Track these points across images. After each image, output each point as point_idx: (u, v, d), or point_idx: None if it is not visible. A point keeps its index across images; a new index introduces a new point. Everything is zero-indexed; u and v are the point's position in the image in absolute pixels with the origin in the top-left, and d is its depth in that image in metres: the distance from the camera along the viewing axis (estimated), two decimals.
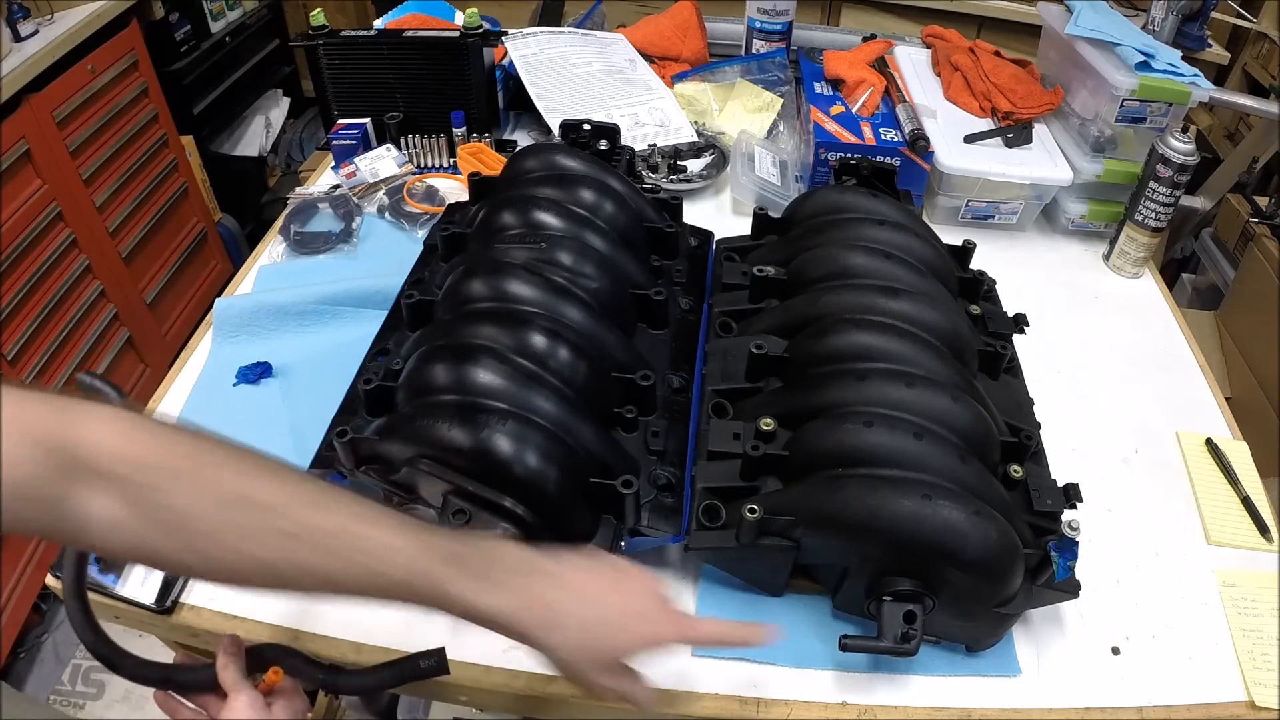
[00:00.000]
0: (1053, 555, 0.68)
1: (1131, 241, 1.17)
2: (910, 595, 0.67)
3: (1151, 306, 1.16)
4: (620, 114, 1.35)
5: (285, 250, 1.14)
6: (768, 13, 1.47)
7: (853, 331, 0.78)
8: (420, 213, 1.20)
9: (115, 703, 1.58)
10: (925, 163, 1.20)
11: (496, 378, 0.71)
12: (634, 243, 0.93)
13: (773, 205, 1.09)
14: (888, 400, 0.72)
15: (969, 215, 1.25)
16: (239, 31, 2.19)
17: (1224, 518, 0.87)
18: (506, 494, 0.68)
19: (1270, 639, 0.76)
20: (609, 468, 0.71)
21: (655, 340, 0.88)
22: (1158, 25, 1.48)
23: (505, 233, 0.87)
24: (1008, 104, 1.28)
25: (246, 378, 0.94)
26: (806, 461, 0.72)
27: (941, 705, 0.70)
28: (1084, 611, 0.77)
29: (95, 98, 1.72)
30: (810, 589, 0.77)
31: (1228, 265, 1.86)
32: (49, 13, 1.63)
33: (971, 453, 0.71)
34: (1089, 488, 0.85)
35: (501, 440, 0.67)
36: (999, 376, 0.86)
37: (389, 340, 0.86)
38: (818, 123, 1.25)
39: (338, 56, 1.29)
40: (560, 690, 0.70)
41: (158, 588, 0.73)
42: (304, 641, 0.72)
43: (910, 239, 0.88)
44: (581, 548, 0.60)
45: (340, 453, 0.72)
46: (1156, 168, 1.10)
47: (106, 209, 1.77)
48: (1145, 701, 0.72)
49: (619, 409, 0.78)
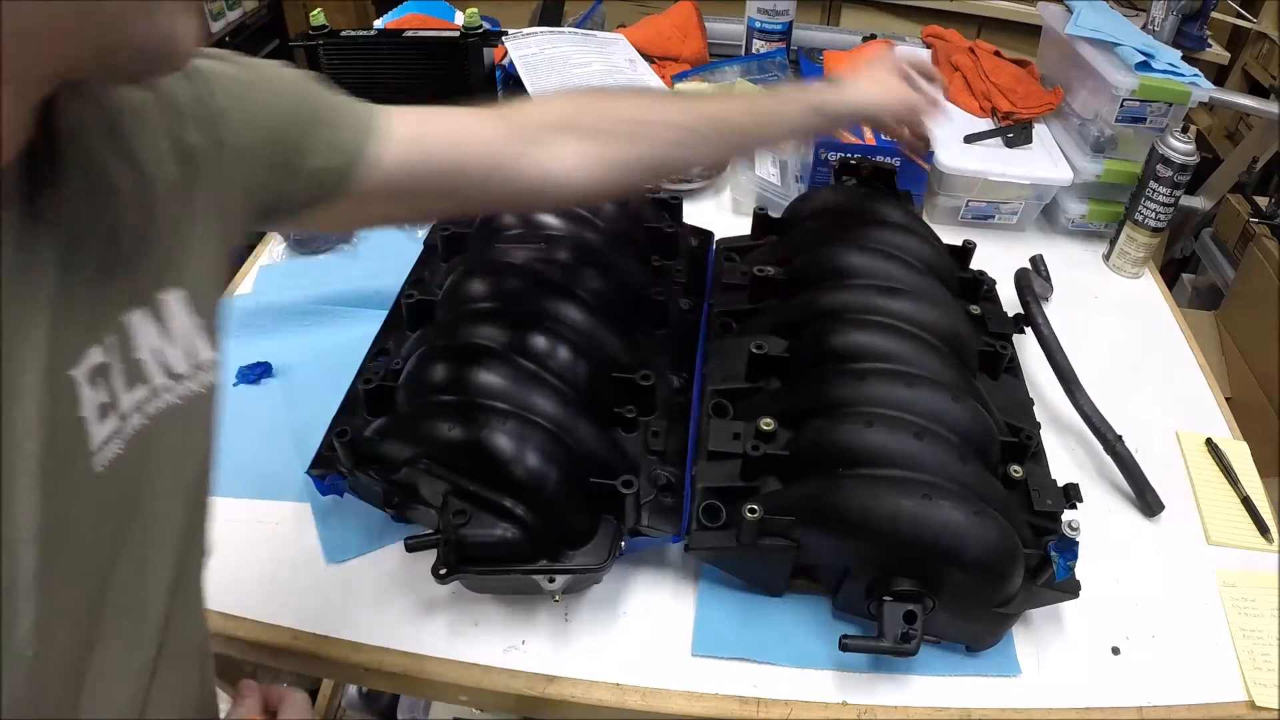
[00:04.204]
0: (1053, 555, 0.68)
1: (1131, 241, 1.17)
2: (910, 595, 0.67)
3: (1151, 306, 1.16)
4: None
5: (285, 250, 1.14)
6: (768, 13, 1.47)
7: (853, 331, 0.78)
8: None
9: None
10: (925, 163, 1.20)
11: (496, 378, 0.71)
12: (634, 243, 0.93)
13: (773, 205, 1.09)
14: (888, 400, 0.72)
15: (969, 215, 1.25)
16: (239, 31, 2.20)
17: (1224, 518, 0.87)
18: (506, 494, 0.68)
19: (1270, 639, 0.76)
20: (609, 468, 0.71)
21: (655, 340, 0.88)
22: (1158, 25, 1.49)
23: (505, 233, 0.87)
24: (1008, 104, 1.28)
25: (246, 378, 0.94)
26: (807, 461, 0.72)
27: (941, 705, 0.70)
28: (1084, 611, 0.77)
29: None
30: (810, 589, 0.77)
31: (1228, 265, 1.86)
32: None
33: (972, 453, 0.71)
34: (1089, 488, 0.85)
35: (501, 440, 0.67)
36: (999, 376, 0.86)
37: (389, 340, 0.86)
38: None
39: (338, 56, 1.29)
40: (560, 691, 0.70)
41: None
42: (304, 642, 0.72)
43: (910, 239, 0.88)
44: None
45: (340, 453, 0.72)
46: (1156, 168, 1.10)
47: None
48: (1145, 701, 0.72)
49: (619, 409, 0.78)
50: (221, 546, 0.78)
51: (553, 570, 0.68)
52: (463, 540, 0.67)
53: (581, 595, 0.76)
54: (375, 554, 0.78)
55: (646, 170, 0.69)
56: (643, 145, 0.67)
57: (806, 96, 0.80)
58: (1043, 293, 1.10)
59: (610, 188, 0.68)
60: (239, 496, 0.82)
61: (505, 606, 0.75)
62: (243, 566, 0.77)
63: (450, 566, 0.66)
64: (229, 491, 0.83)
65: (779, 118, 0.77)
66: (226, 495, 0.83)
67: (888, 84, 0.84)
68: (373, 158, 0.55)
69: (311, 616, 0.74)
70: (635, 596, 0.77)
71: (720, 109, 0.75)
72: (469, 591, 0.75)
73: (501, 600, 0.75)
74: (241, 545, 0.79)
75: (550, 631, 0.74)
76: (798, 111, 0.78)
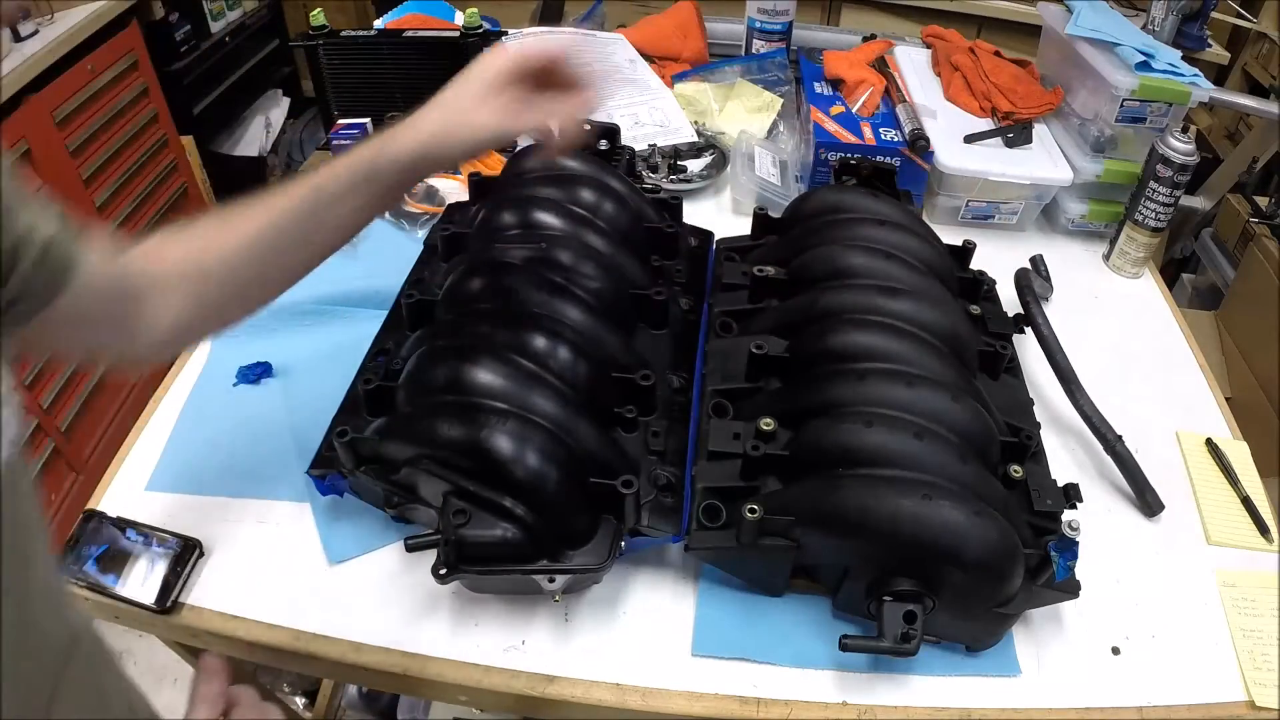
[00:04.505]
0: (1053, 555, 0.68)
1: (1131, 241, 1.17)
2: (910, 595, 0.67)
3: (1151, 306, 1.16)
4: (620, 114, 1.35)
5: None
6: (768, 13, 1.47)
7: (853, 331, 0.78)
8: (420, 213, 1.20)
9: None
10: (925, 163, 1.20)
11: (497, 378, 0.71)
12: (634, 243, 0.93)
13: (773, 205, 1.09)
14: (888, 400, 0.72)
15: (969, 215, 1.25)
16: (239, 31, 2.19)
17: (1224, 518, 0.87)
18: (506, 494, 0.68)
19: (1270, 639, 0.76)
20: (609, 468, 0.71)
21: (655, 340, 0.88)
22: (1158, 25, 1.49)
23: (505, 233, 0.87)
24: (1008, 104, 1.28)
25: (246, 378, 0.94)
26: (807, 461, 0.72)
27: (941, 705, 0.70)
28: (1084, 611, 0.77)
29: (95, 98, 1.71)
30: (810, 589, 0.77)
31: (1228, 265, 1.86)
32: (49, 13, 1.63)
33: (972, 452, 0.71)
34: (1089, 487, 0.85)
35: (502, 440, 0.67)
36: (999, 376, 0.86)
37: (389, 340, 0.86)
38: (818, 123, 1.25)
39: (338, 56, 1.29)
40: (560, 690, 0.70)
41: (158, 588, 0.73)
42: (304, 642, 0.72)
43: (910, 239, 0.88)
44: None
45: (340, 453, 0.72)
46: (1156, 168, 1.10)
47: (107, 209, 1.77)
48: (1145, 701, 0.72)
49: (619, 409, 0.78)
50: (222, 546, 0.79)
51: (553, 570, 0.68)
52: (463, 540, 0.67)
53: (581, 595, 0.76)
54: (375, 554, 0.78)
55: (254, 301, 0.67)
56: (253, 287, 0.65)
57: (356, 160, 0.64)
58: (1043, 293, 1.10)
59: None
60: (239, 496, 0.82)
61: (505, 606, 0.75)
62: (243, 566, 0.77)
63: (450, 566, 0.66)
64: (229, 491, 0.83)
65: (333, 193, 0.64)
66: (227, 495, 0.83)
67: (468, 110, 0.62)
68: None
69: (311, 616, 0.74)
70: (635, 596, 0.77)
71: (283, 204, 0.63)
72: (469, 591, 0.75)
73: (501, 600, 0.75)
74: (241, 545, 0.79)
75: (550, 631, 0.74)
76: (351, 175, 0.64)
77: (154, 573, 0.74)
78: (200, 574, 0.76)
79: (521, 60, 0.61)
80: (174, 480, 0.84)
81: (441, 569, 0.66)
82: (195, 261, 0.61)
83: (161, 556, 0.75)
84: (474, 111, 0.61)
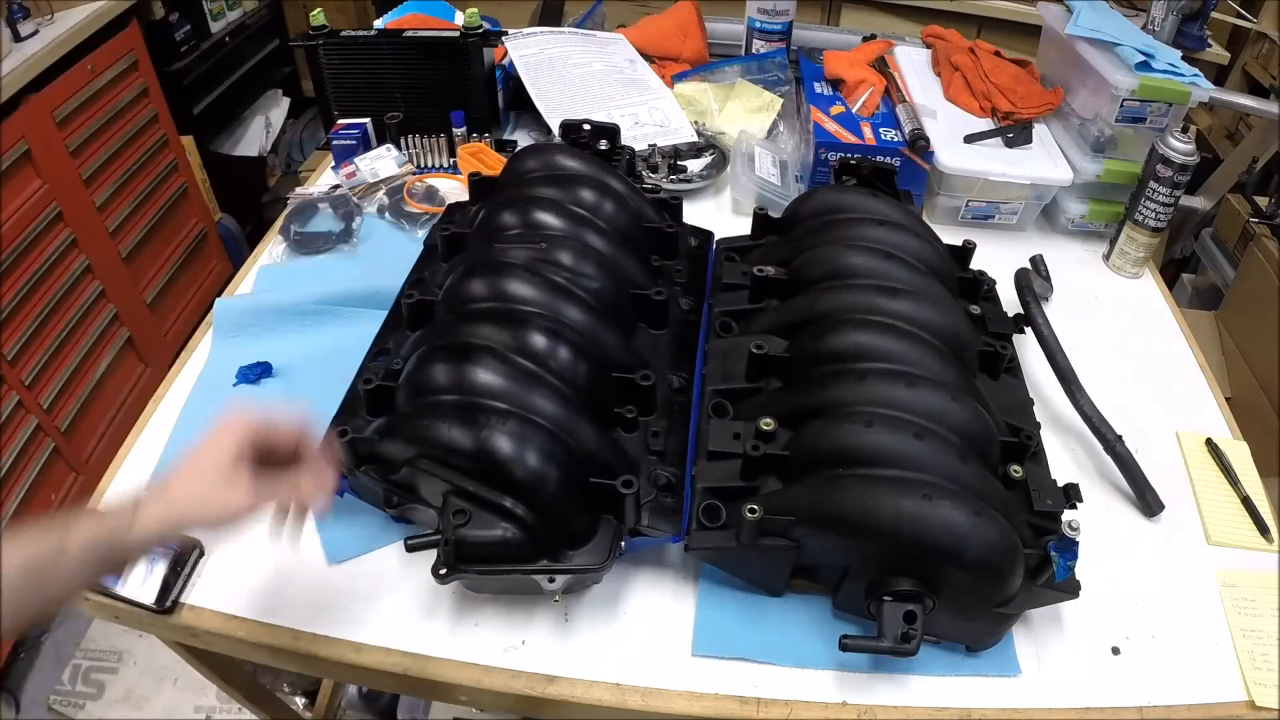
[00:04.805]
0: (1053, 555, 0.68)
1: (1131, 241, 1.17)
2: (910, 595, 0.67)
3: (1151, 306, 1.16)
4: (620, 114, 1.35)
5: (285, 250, 1.14)
6: (768, 13, 1.47)
7: (853, 331, 0.78)
8: (420, 213, 1.20)
9: (116, 703, 1.57)
10: (925, 163, 1.20)
11: (497, 378, 0.71)
12: (634, 243, 0.93)
13: (773, 205, 1.09)
14: (888, 400, 0.72)
15: (969, 215, 1.25)
16: (239, 31, 2.19)
17: (1224, 518, 0.87)
18: (507, 494, 0.68)
19: (1270, 639, 0.76)
20: (609, 468, 0.71)
21: (655, 340, 0.88)
22: (1158, 25, 1.49)
23: (505, 233, 0.87)
24: (1008, 104, 1.28)
25: (246, 378, 0.94)
26: (807, 461, 0.72)
27: (941, 705, 0.70)
28: (1084, 611, 0.77)
29: (95, 98, 1.71)
30: (810, 589, 0.77)
31: (1228, 265, 1.86)
32: (49, 13, 1.63)
33: (972, 453, 0.71)
34: (1089, 487, 0.85)
35: (502, 440, 0.67)
36: (999, 376, 0.86)
37: (389, 340, 0.86)
38: (818, 123, 1.25)
39: (338, 56, 1.29)
40: (560, 690, 0.70)
41: (158, 587, 0.73)
42: (304, 642, 0.72)
43: (910, 239, 0.88)
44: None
45: (340, 453, 0.72)
46: (1156, 168, 1.10)
47: (106, 209, 1.77)
48: (1145, 701, 0.72)
49: (619, 409, 0.78)
50: (222, 547, 0.79)
51: (553, 570, 0.68)
52: (463, 540, 0.67)
53: (581, 595, 0.76)
54: (375, 554, 0.78)
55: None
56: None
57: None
58: (1043, 293, 1.10)
59: None
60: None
61: (505, 606, 0.75)
62: (243, 567, 0.77)
63: (450, 566, 0.66)
64: None
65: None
66: None
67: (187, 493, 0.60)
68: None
69: (312, 616, 0.74)
70: (635, 596, 0.77)
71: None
72: (469, 591, 0.75)
73: (501, 600, 0.75)
74: (241, 545, 0.78)
75: (550, 631, 0.74)
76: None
77: (154, 573, 0.74)
78: (200, 574, 0.76)
79: (257, 437, 0.62)
80: None
81: (441, 569, 0.66)
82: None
83: (161, 556, 0.75)
84: (225, 489, 0.61)
